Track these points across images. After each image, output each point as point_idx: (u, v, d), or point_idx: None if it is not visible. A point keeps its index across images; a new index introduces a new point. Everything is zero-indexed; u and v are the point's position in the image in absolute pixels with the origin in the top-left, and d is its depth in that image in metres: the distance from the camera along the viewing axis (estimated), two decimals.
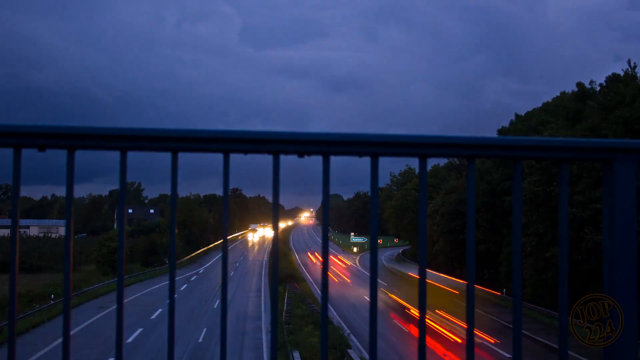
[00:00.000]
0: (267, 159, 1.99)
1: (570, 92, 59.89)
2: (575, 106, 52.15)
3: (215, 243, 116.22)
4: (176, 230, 2.10)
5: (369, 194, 2.06)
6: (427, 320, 1.97)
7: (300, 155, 1.99)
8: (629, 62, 46.58)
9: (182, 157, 2.00)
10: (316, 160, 2.02)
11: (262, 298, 54.00)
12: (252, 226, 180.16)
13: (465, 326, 2.06)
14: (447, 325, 39.59)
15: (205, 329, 38.91)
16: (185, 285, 61.43)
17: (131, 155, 2.00)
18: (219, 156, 1.98)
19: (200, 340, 36.06)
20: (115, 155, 1.99)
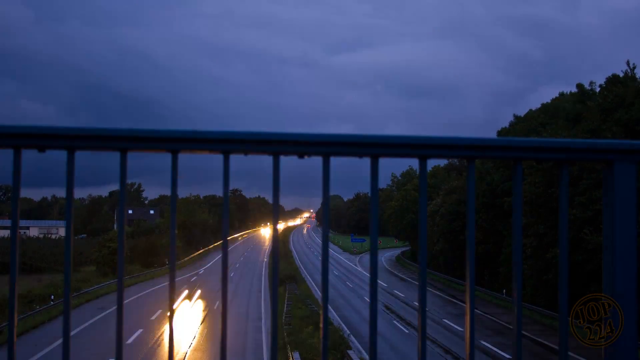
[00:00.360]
0: (267, 159, 1.99)
1: (569, 93, 59.97)
2: (575, 107, 52.15)
3: (214, 245, 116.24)
4: (176, 231, 2.10)
5: (369, 194, 2.05)
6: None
7: (301, 156, 1.99)
8: (627, 63, 46.54)
9: (182, 158, 2.00)
10: (316, 161, 2.02)
11: (262, 299, 53.97)
12: None
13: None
14: None
15: (205, 330, 38.91)
16: (185, 287, 61.41)
17: (131, 156, 1.99)
18: (219, 157, 1.98)
19: (200, 341, 36.04)
20: (115, 156, 1.99)
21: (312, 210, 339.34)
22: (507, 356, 32.89)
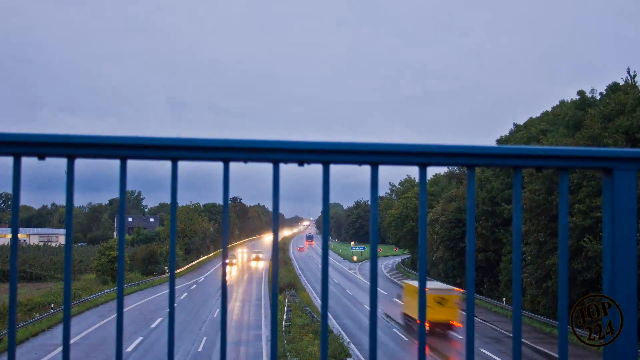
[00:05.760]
0: (267, 167, 1.99)
1: (570, 100, 60.00)
2: (576, 114, 52.16)
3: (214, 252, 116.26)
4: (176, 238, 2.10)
5: (369, 202, 2.05)
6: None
7: (300, 163, 1.99)
8: (628, 70, 46.64)
9: (182, 166, 2.00)
10: (316, 169, 2.02)
11: (262, 307, 53.84)
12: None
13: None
14: None
15: (205, 338, 38.80)
16: (185, 294, 61.29)
17: (131, 163, 2.00)
18: (219, 165, 1.99)
19: (200, 349, 35.95)
20: (115, 164, 1.99)
21: (312, 219, 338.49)
22: None
